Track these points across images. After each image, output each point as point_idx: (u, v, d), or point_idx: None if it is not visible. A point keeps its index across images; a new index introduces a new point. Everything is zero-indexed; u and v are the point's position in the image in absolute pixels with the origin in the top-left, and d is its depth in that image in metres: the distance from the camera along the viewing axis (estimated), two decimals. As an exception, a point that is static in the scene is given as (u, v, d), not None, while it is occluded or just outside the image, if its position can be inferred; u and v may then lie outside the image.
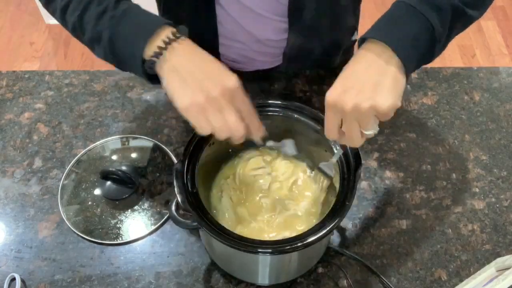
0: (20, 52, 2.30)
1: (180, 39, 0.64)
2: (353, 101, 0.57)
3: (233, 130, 0.62)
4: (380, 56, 0.59)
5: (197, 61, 0.63)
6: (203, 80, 0.61)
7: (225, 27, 0.92)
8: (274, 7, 0.87)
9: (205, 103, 0.60)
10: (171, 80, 0.63)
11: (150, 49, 0.63)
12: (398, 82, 0.59)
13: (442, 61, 2.26)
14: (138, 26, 0.65)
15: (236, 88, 0.62)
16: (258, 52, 0.98)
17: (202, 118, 0.61)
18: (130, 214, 0.84)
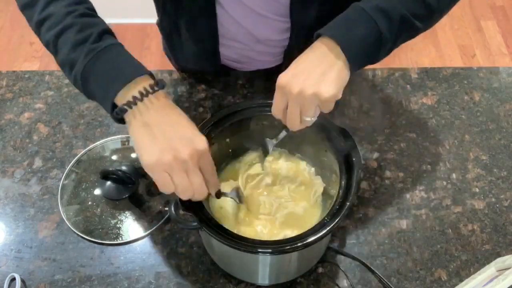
0: (20, 52, 2.30)
1: (157, 93, 0.63)
2: (300, 86, 0.63)
3: (197, 191, 0.64)
4: (331, 50, 0.64)
5: (170, 119, 0.63)
6: (174, 139, 0.62)
7: (226, 27, 0.92)
8: (275, 7, 0.87)
9: (172, 162, 0.61)
10: (140, 135, 0.62)
11: (124, 97, 0.62)
12: (342, 76, 0.64)
13: (442, 61, 2.26)
14: (116, 68, 0.64)
15: (204, 150, 0.63)
16: (258, 52, 0.97)
17: (166, 177, 0.62)
18: (130, 214, 0.84)
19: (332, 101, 0.63)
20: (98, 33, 0.66)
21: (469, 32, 2.38)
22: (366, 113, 0.98)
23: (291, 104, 0.65)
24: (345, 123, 0.95)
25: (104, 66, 0.64)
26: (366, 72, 1.04)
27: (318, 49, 0.65)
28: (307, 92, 0.62)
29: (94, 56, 0.64)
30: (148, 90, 0.63)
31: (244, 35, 0.93)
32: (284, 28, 0.91)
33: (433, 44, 2.31)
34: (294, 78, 0.64)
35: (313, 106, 0.64)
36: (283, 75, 0.65)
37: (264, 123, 0.78)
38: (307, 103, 0.63)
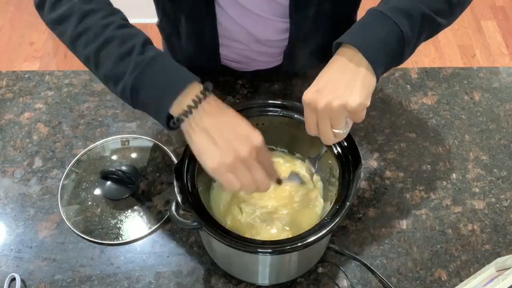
0: (20, 52, 2.30)
1: (208, 98, 0.64)
2: (325, 100, 0.62)
3: (261, 185, 0.65)
4: (351, 59, 0.63)
5: (225, 121, 0.65)
6: (232, 140, 0.63)
7: (225, 28, 0.92)
8: (274, 8, 0.87)
9: (234, 162, 0.62)
10: (199, 140, 0.64)
11: (178, 107, 0.64)
12: (368, 82, 0.63)
13: (442, 61, 2.26)
14: (166, 79, 0.65)
15: (261, 144, 0.65)
16: (258, 52, 0.98)
17: (231, 177, 0.63)
18: (130, 214, 0.84)
19: (361, 110, 0.62)
20: (141, 44, 0.66)
21: (469, 32, 2.38)
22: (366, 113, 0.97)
23: (320, 120, 0.64)
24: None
25: (154, 77, 0.65)
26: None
27: (339, 59, 0.64)
28: (334, 105, 0.61)
29: (142, 68, 0.64)
30: (200, 97, 0.64)
31: (243, 35, 0.93)
32: (283, 28, 0.91)
33: (433, 44, 2.31)
34: (318, 93, 0.63)
35: (342, 118, 0.63)
36: (308, 91, 0.64)
37: (264, 123, 0.78)
38: (336, 116, 0.62)
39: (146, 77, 0.65)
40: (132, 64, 0.65)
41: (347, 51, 0.64)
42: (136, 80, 0.64)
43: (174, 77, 0.65)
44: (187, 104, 0.63)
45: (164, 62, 0.66)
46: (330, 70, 0.64)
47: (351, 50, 0.63)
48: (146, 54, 0.66)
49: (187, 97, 0.64)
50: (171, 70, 0.66)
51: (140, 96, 0.65)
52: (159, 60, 0.66)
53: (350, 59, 0.63)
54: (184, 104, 0.63)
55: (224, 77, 1.02)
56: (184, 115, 0.64)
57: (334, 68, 0.64)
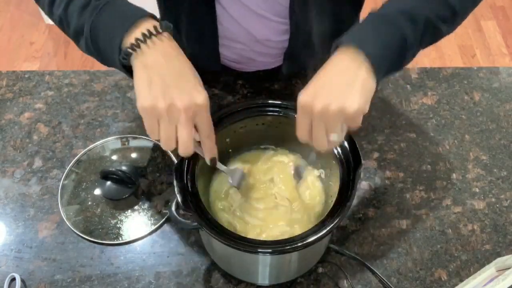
0: (20, 52, 2.30)
1: (161, 35, 0.61)
2: (322, 103, 0.58)
3: (182, 146, 0.61)
4: (352, 61, 0.59)
5: (171, 64, 0.61)
6: (171, 87, 0.59)
7: (226, 28, 0.92)
8: (275, 8, 0.87)
9: (163, 111, 0.59)
10: (139, 77, 0.61)
11: (128, 40, 0.61)
12: (368, 87, 0.59)
13: (442, 61, 2.26)
14: (119, 16, 0.63)
15: (203, 105, 0.61)
16: (258, 53, 0.97)
17: (155, 124, 0.60)
18: (130, 214, 0.84)
19: (359, 115, 0.59)
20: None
21: (469, 32, 2.38)
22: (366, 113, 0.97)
23: (315, 124, 0.60)
24: (345, 123, 0.95)
25: (106, 19, 0.63)
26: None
27: (339, 60, 0.61)
28: (332, 108, 0.57)
29: (97, 12, 0.63)
30: (151, 32, 0.60)
31: (244, 35, 0.93)
32: (283, 29, 0.91)
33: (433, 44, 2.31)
34: (315, 95, 0.59)
35: (339, 123, 0.59)
36: (303, 92, 0.60)
37: (264, 123, 0.78)
38: (333, 120, 0.58)
39: (101, 18, 0.63)
40: (89, 11, 0.64)
41: (348, 52, 0.60)
42: (93, 24, 0.63)
43: (128, 12, 0.63)
44: (136, 37, 0.60)
45: (119, 3, 0.65)
46: (329, 71, 0.61)
47: (352, 51, 0.60)
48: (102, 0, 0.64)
49: (138, 30, 0.61)
50: (127, 8, 0.64)
51: (99, 41, 0.64)
52: (115, 2, 0.64)
53: (350, 61, 0.59)
54: (133, 37, 0.60)
55: (224, 77, 1.02)
56: (132, 49, 0.60)
57: (333, 69, 0.61)
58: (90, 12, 0.64)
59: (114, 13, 0.64)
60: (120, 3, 0.65)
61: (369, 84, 0.60)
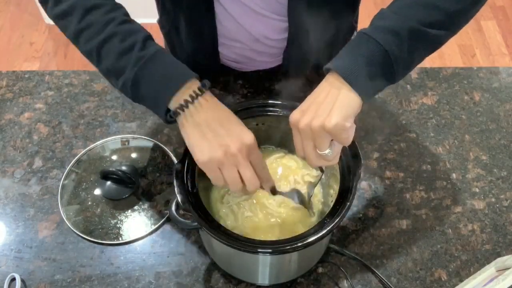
0: (20, 52, 2.30)
1: (205, 94, 0.67)
2: (306, 120, 0.63)
3: (249, 183, 0.66)
4: (334, 82, 0.64)
5: (219, 118, 0.67)
6: (223, 136, 0.65)
7: (225, 27, 0.92)
8: (274, 6, 0.87)
9: (223, 158, 0.64)
10: (192, 135, 0.66)
11: (176, 101, 0.66)
12: (348, 104, 0.63)
13: (442, 61, 2.26)
14: (166, 74, 0.67)
15: (252, 144, 0.66)
16: (258, 52, 0.97)
17: (218, 172, 0.65)
18: (130, 214, 0.84)
19: (339, 130, 0.61)
20: (142, 40, 0.68)
21: (469, 32, 2.38)
22: (366, 113, 0.98)
23: (303, 140, 0.65)
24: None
25: (154, 72, 0.67)
26: (366, 72, 1.04)
27: (323, 83, 0.65)
28: (313, 125, 0.62)
29: (143, 63, 0.66)
30: (197, 93, 0.66)
31: (243, 34, 0.93)
32: (282, 27, 0.92)
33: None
34: (301, 114, 0.64)
35: (324, 139, 0.63)
36: (294, 112, 0.65)
37: (264, 123, 0.78)
38: (317, 137, 0.63)
39: (146, 72, 0.66)
40: (133, 59, 0.67)
41: (332, 75, 0.65)
42: (136, 74, 0.66)
43: (173, 72, 0.67)
44: (184, 98, 0.65)
45: (164, 58, 0.68)
46: (315, 93, 0.66)
47: (334, 73, 0.64)
48: (147, 50, 0.67)
49: (185, 92, 0.66)
50: (171, 66, 0.68)
51: (140, 90, 0.67)
52: (160, 56, 0.68)
53: (332, 82, 0.64)
54: (182, 98, 0.65)
55: (224, 77, 1.02)
56: (181, 109, 0.66)
57: (319, 90, 0.65)
58: (134, 61, 0.67)
59: (161, 69, 0.67)
60: (165, 58, 0.68)
61: (349, 102, 0.63)
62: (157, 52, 0.68)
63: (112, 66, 0.69)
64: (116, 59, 0.68)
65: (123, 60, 0.67)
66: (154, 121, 0.96)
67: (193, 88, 0.66)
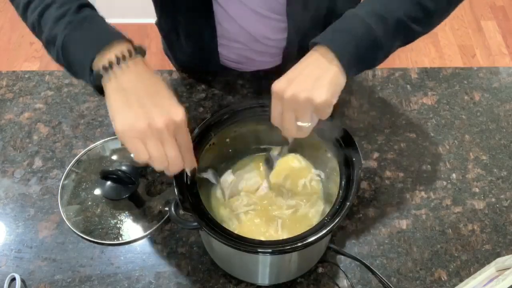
0: (20, 52, 2.30)
1: (135, 58, 0.62)
2: (292, 91, 0.62)
3: (172, 163, 0.62)
4: (325, 56, 0.64)
5: (147, 86, 0.61)
6: (150, 106, 0.60)
7: (224, 27, 0.92)
8: (273, 6, 0.87)
9: (146, 130, 0.59)
10: (114, 99, 0.61)
11: (100, 61, 0.61)
12: (337, 81, 0.63)
13: (442, 61, 2.26)
14: (93, 34, 0.63)
15: (182, 121, 0.61)
16: (257, 52, 0.98)
17: (140, 145, 0.60)
18: (130, 214, 0.84)
19: (326, 106, 0.62)
20: (77, 6, 0.65)
21: (469, 32, 2.38)
22: (366, 113, 0.98)
23: (285, 110, 0.64)
24: (345, 123, 0.96)
25: (82, 34, 0.63)
26: (366, 72, 1.04)
27: (312, 55, 0.65)
28: (300, 97, 0.61)
29: (72, 26, 0.63)
30: (125, 55, 0.61)
31: (242, 34, 0.93)
32: (281, 27, 0.92)
33: (433, 44, 2.31)
34: (287, 83, 0.63)
35: (307, 112, 0.63)
36: (277, 81, 0.64)
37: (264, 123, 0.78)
38: (301, 108, 0.62)
39: (75, 34, 0.63)
40: (64, 24, 0.64)
41: (321, 49, 0.64)
42: (66, 38, 0.63)
43: (101, 33, 0.63)
44: (108, 58, 0.60)
45: (96, 21, 0.65)
46: (302, 64, 0.65)
47: (325, 48, 0.64)
48: (80, 14, 0.64)
49: (111, 52, 0.61)
50: (101, 28, 0.64)
51: (70, 54, 0.64)
52: (90, 20, 0.64)
53: (323, 56, 0.64)
54: (106, 58, 0.60)
55: (224, 77, 1.02)
56: (104, 70, 0.60)
57: (306, 63, 0.65)
58: (64, 25, 0.64)
59: (88, 30, 0.64)
60: (96, 21, 0.65)
61: (338, 79, 0.64)
62: (90, 15, 0.64)
63: (49, 34, 0.65)
64: (51, 26, 0.65)
65: (57, 27, 0.64)
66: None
67: (121, 49, 0.61)
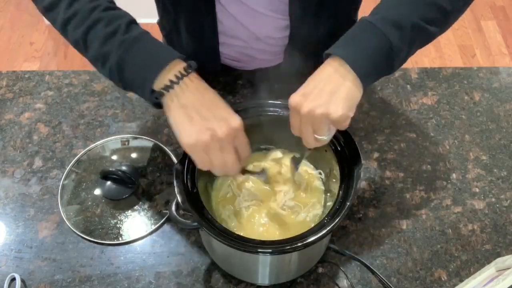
0: (20, 52, 2.30)
1: (190, 75, 0.66)
2: (309, 106, 0.63)
3: (229, 169, 0.66)
4: (339, 69, 0.64)
5: (205, 100, 0.66)
6: (210, 119, 0.64)
7: (225, 26, 0.92)
8: (274, 5, 0.87)
9: (210, 142, 0.63)
10: (178, 116, 0.65)
11: (161, 82, 0.65)
12: (353, 94, 0.64)
13: (442, 61, 2.26)
14: (150, 55, 0.66)
15: (239, 127, 0.65)
16: (258, 50, 0.97)
17: (205, 156, 0.64)
18: (130, 214, 0.84)
19: (343, 120, 0.63)
20: (126, 24, 0.67)
21: (469, 32, 2.38)
22: (366, 113, 0.98)
23: (302, 124, 0.65)
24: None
25: (138, 54, 0.66)
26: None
27: (327, 68, 0.65)
28: (316, 113, 0.62)
29: (127, 46, 0.66)
30: (182, 73, 0.65)
31: (243, 33, 0.93)
32: (283, 25, 0.91)
33: (433, 44, 2.31)
34: (303, 98, 0.64)
35: (324, 126, 0.64)
36: (294, 95, 0.65)
37: (265, 123, 0.78)
38: (318, 123, 0.63)
39: (130, 54, 0.66)
40: (116, 43, 0.66)
41: (335, 62, 0.64)
42: (120, 58, 0.66)
43: (158, 53, 0.66)
44: (169, 78, 0.64)
45: (148, 40, 0.67)
46: (318, 77, 0.65)
47: (339, 61, 0.64)
48: (131, 33, 0.67)
49: (170, 72, 0.65)
50: (156, 47, 0.67)
51: (125, 74, 0.67)
52: (144, 38, 0.67)
53: (338, 69, 0.64)
54: (167, 78, 0.64)
55: (224, 77, 1.02)
56: (166, 90, 0.64)
57: (321, 76, 0.65)
58: (117, 45, 0.66)
59: (144, 51, 0.66)
60: (148, 40, 0.68)
61: (353, 92, 0.64)
62: (141, 34, 0.67)
63: (98, 52, 0.68)
64: (101, 44, 0.67)
65: (108, 45, 0.67)
66: (154, 121, 0.96)
67: (178, 68, 0.65)
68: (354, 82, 0.63)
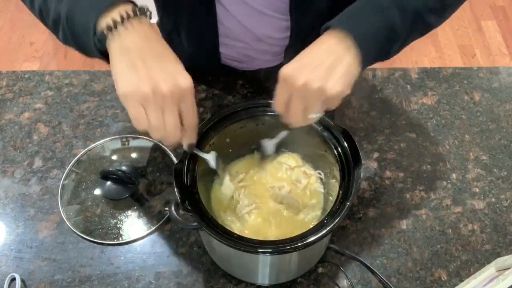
0: (20, 52, 2.30)
1: (140, 18, 0.58)
2: (305, 78, 0.57)
3: (169, 133, 0.58)
4: (340, 43, 0.59)
5: (153, 47, 0.57)
6: (155, 70, 0.56)
7: (226, 26, 0.92)
8: (275, 5, 0.87)
9: (149, 95, 0.55)
10: (118, 60, 0.57)
11: (104, 21, 0.57)
12: (352, 71, 0.59)
13: (442, 61, 2.26)
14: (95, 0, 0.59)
15: (188, 90, 0.58)
16: (259, 51, 0.97)
17: (141, 110, 0.56)
18: (130, 214, 0.84)
19: (339, 98, 0.58)
20: None
21: (469, 32, 2.38)
22: (366, 113, 0.98)
23: (295, 98, 0.59)
24: (345, 123, 0.96)
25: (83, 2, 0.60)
26: (366, 72, 1.04)
27: (327, 41, 0.60)
28: (313, 86, 0.57)
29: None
30: (129, 14, 0.57)
31: (244, 34, 0.93)
32: (284, 26, 0.91)
33: (433, 44, 2.31)
34: (299, 70, 0.58)
35: (318, 102, 0.59)
36: (287, 66, 0.60)
37: (264, 123, 0.78)
38: (312, 98, 0.58)
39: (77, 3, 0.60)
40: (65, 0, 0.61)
41: (337, 34, 0.59)
42: (68, 10, 0.60)
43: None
44: (112, 17, 0.57)
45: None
46: (315, 49, 0.60)
47: (341, 34, 0.59)
48: None
49: (115, 12, 0.57)
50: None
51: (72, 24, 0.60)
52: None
53: (339, 43, 0.59)
54: (109, 18, 0.57)
55: (224, 77, 1.02)
56: (109, 30, 0.57)
57: (320, 48, 0.60)
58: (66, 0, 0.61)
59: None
60: None
61: (353, 69, 0.59)
62: None
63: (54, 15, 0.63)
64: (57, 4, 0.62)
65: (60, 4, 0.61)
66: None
67: (125, 8, 0.57)
68: (356, 58, 0.59)
